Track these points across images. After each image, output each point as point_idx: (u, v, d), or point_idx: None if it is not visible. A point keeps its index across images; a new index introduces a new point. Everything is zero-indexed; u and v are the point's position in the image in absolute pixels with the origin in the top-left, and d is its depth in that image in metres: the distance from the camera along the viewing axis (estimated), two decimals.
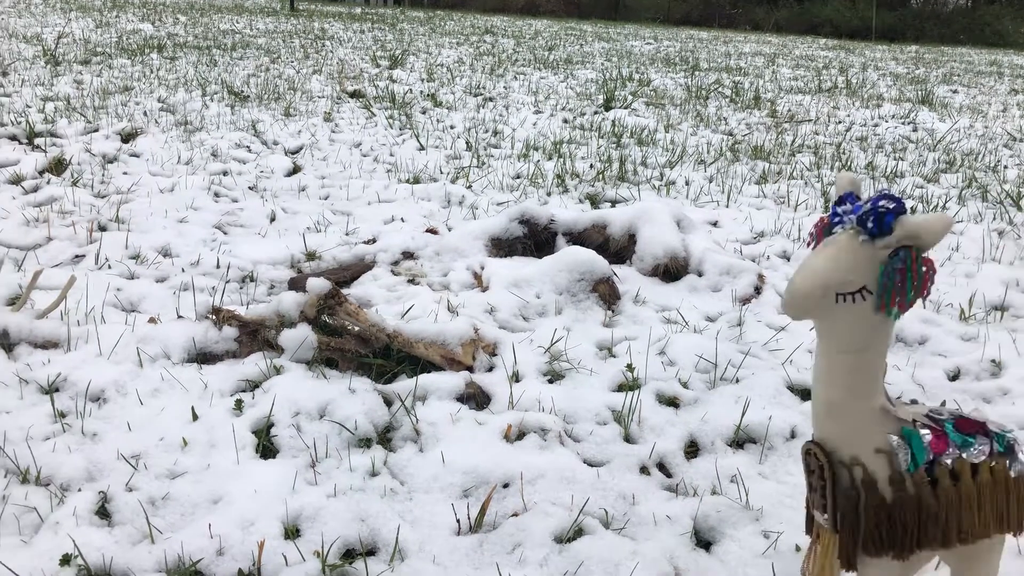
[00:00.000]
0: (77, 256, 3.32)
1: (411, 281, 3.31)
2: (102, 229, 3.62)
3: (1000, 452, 1.42)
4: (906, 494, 1.37)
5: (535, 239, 3.53)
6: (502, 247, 3.46)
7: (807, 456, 1.44)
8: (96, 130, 5.32)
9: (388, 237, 3.68)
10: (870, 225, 1.27)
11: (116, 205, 3.88)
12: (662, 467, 2.18)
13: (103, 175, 4.40)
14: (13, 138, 4.94)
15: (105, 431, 2.18)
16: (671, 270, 3.35)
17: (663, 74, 10.56)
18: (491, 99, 7.81)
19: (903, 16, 27.31)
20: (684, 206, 4.31)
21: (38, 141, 4.93)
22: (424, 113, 6.90)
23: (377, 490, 1.99)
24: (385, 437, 2.24)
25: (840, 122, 7.52)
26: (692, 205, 4.47)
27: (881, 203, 1.28)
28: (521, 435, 2.25)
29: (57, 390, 2.35)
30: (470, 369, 2.61)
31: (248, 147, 5.26)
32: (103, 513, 1.87)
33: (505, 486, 2.04)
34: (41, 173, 4.33)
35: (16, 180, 4.17)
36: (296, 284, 3.19)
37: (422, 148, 5.58)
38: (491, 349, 2.72)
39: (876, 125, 7.50)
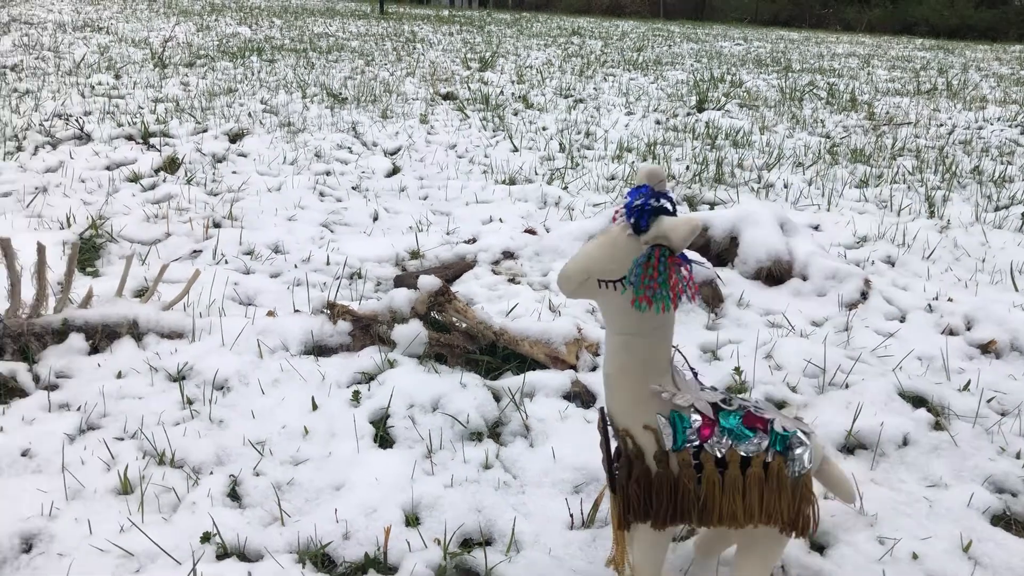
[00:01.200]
0: (195, 251, 3.48)
1: (511, 280, 3.37)
2: (216, 226, 3.78)
3: (777, 451, 1.48)
4: (668, 471, 1.47)
5: None
6: None
7: (600, 421, 1.57)
8: (205, 130, 5.54)
9: (488, 237, 3.74)
10: (633, 220, 1.36)
11: (229, 203, 4.05)
12: None
13: (214, 174, 4.58)
14: (130, 138, 5.19)
15: (231, 418, 2.29)
16: (774, 274, 3.32)
17: (755, 75, 10.42)
18: (581, 100, 7.83)
19: (1005, 14, 26.27)
20: (784, 209, 4.26)
21: (152, 141, 5.16)
22: (516, 115, 6.97)
23: (491, 482, 2.04)
24: (495, 431, 2.30)
25: (941, 125, 7.30)
26: (792, 208, 4.41)
27: (648, 200, 1.35)
28: None
29: (184, 378, 2.48)
30: (573, 368, 2.65)
31: (349, 148, 5.40)
32: (234, 495, 1.97)
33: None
34: (157, 171, 4.54)
35: (134, 178, 4.38)
36: (402, 282, 3.28)
37: (516, 150, 5.64)
38: (594, 349, 2.74)
39: (980, 128, 7.25)
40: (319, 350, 2.69)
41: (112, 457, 2.07)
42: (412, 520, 1.90)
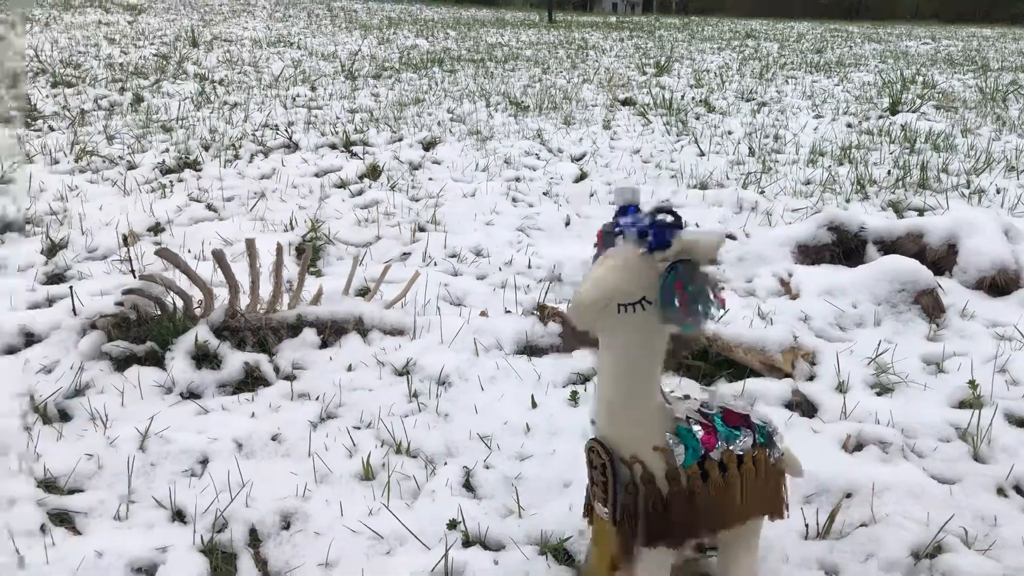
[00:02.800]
0: (404, 254, 3.64)
1: None
2: (421, 230, 3.94)
3: (761, 443, 1.53)
4: (680, 488, 1.46)
5: (843, 247, 3.42)
6: (809, 254, 3.39)
7: (590, 453, 1.50)
8: (400, 139, 5.79)
9: None
10: (650, 239, 1.31)
11: (431, 208, 4.21)
12: (1020, 490, 2.05)
13: (412, 180, 4.78)
14: (333, 146, 5.50)
15: (455, 412, 2.38)
16: (999, 283, 3.13)
17: (948, 75, 9.84)
18: (764, 104, 7.64)
19: None
20: (1002, 216, 4.00)
21: (354, 149, 5.44)
22: (698, 119, 6.88)
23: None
24: None
25: None
26: (1009, 215, 4.14)
27: (659, 217, 1.31)
28: (859, 446, 2.20)
29: (409, 373, 2.60)
30: (789, 376, 2.59)
31: (536, 155, 5.50)
32: (468, 486, 2.05)
33: (848, 496, 2.00)
34: (361, 178, 4.78)
35: (342, 184, 4.63)
36: None
37: (702, 154, 5.57)
38: (810, 358, 2.67)
39: None
40: (531, 350, 2.75)
41: (353, 444, 2.20)
42: None
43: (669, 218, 1.32)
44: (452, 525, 1.86)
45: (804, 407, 2.42)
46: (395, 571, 1.74)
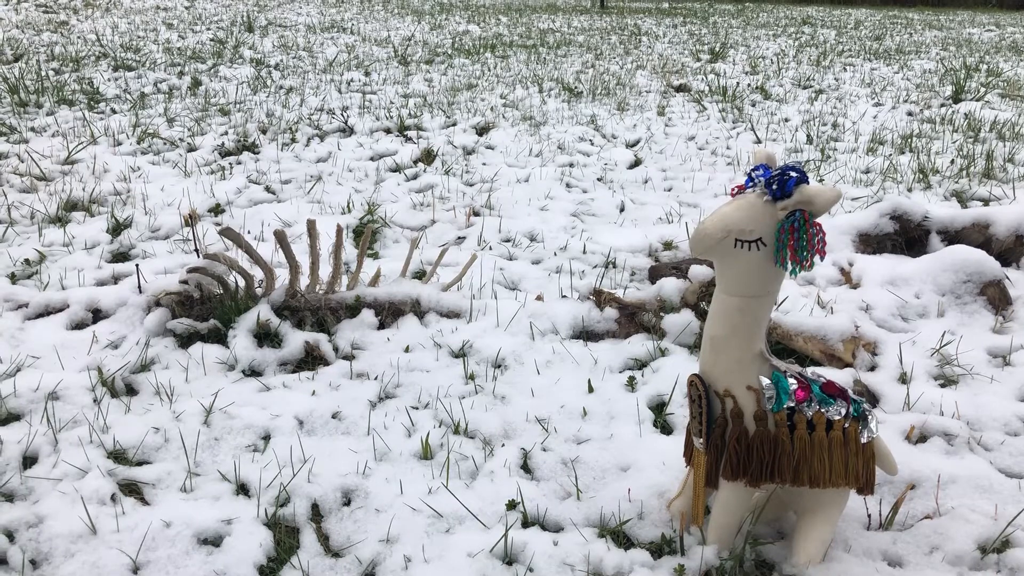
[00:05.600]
0: (459, 238, 3.66)
1: None
2: (476, 214, 3.95)
3: (855, 416, 1.61)
4: (766, 430, 1.58)
5: (906, 236, 3.35)
6: (870, 243, 3.33)
7: (690, 386, 1.64)
8: (454, 124, 5.80)
9: None
10: (774, 187, 1.46)
11: (485, 193, 4.22)
12: None
13: (466, 165, 4.79)
14: (388, 131, 5.53)
15: (511, 395, 2.39)
16: None
17: (1014, 63, 9.56)
18: (822, 91, 7.50)
19: None
20: None
21: (408, 133, 5.47)
22: (754, 106, 6.78)
23: None
24: None
25: None
26: None
27: (787, 171, 1.46)
28: (923, 438, 2.16)
29: (465, 355, 2.61)
30: (849, 366, 2.55)
31: (590, 141, 5.48)
32: (526, 468, 2.06)
33: (911, 487, 1.97)
34: (415, 162, 4.81)
35: (397, 168, 4.66)
36: (657, 272, 3.28)
37: (759, 141, 5.49)
38: (872, 348, 2.63)
39: None
40: (587, 335, 2.75)
41: (412, 424, 2.22)
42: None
43: (794, 174, 1.46)
44: (511, 506, 1.87)
45: (866, 397, 2.38)
46: (455, 549, 1.76)
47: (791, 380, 1.58)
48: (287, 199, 4.08)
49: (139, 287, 2.85)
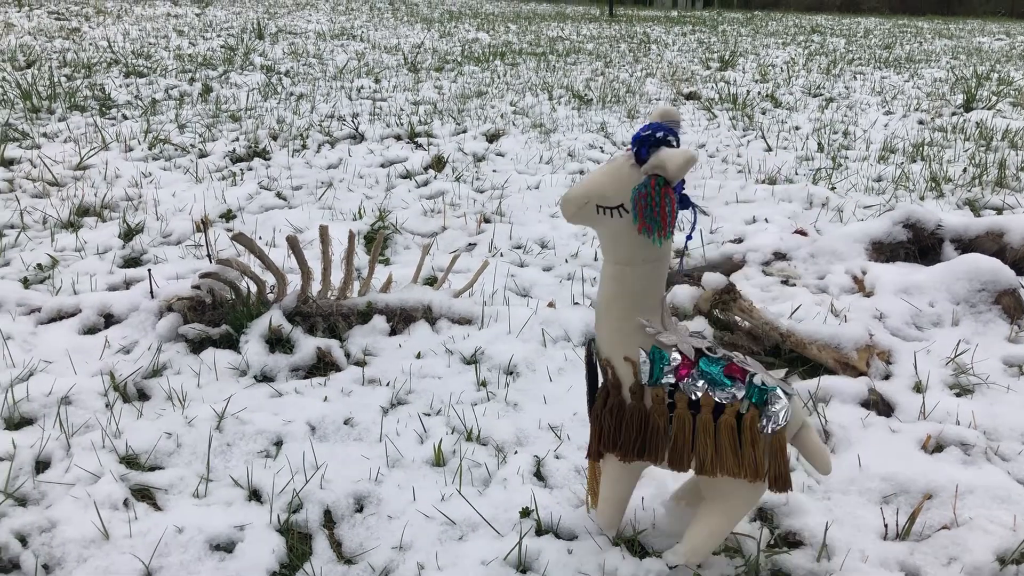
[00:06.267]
0: (470, 244, 3.65)
1: (784, 282, 3.27)
2: (486, 221, 3.95)
3: (753, 403, 1.49)
4: (640, 404, 1.52)
5: (919, 244, 3.34)
6: (883, 251, 3.31)
7: (587, 351, 1.63)
8: (464, 131, 5.80)
9: (755, 237, 3.65)
10: (635, 150, 1.41)
11: (496, 200, 4.22)
12: None
13: (476, 172, 4.79)
14: (398, 138, 5.53)
15: (523, 402, 2.38)
16: None
17: None
18: (832, 99, 7.49)
19: None
20: None
21: (419, 140, 5.47)
22: (764, 114, 6.77)
23: (795, 486, 1.99)
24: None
25: None
26: None
27: (655, 131, 1.39)
28: (939, 447, 2.15)
29: (477, 361, 2.60)
30: (864, 375, 2.53)
31: (600, 148, 5.47)
32: (539, 476, 2.05)
33: (928, 497, 1.95)
34: (426, 169, 4.81)
35: (407, 175, 4.66)
36: (669, 280, 3.27)
37: (769, 149, 5.48)
38: (886, 356, 2.61)
39: None
40: None
41: (424, 430, 2.21)
42: None
43: (660, 134, 1.40)
44: (525, 513, 1.86)
45: (881, 406, 2.36)
46: (468, 557, 1.75)
47: (674, 356, 1.51)
48: (298, 205, 4.09)
49: (151, 292, 2.85)
